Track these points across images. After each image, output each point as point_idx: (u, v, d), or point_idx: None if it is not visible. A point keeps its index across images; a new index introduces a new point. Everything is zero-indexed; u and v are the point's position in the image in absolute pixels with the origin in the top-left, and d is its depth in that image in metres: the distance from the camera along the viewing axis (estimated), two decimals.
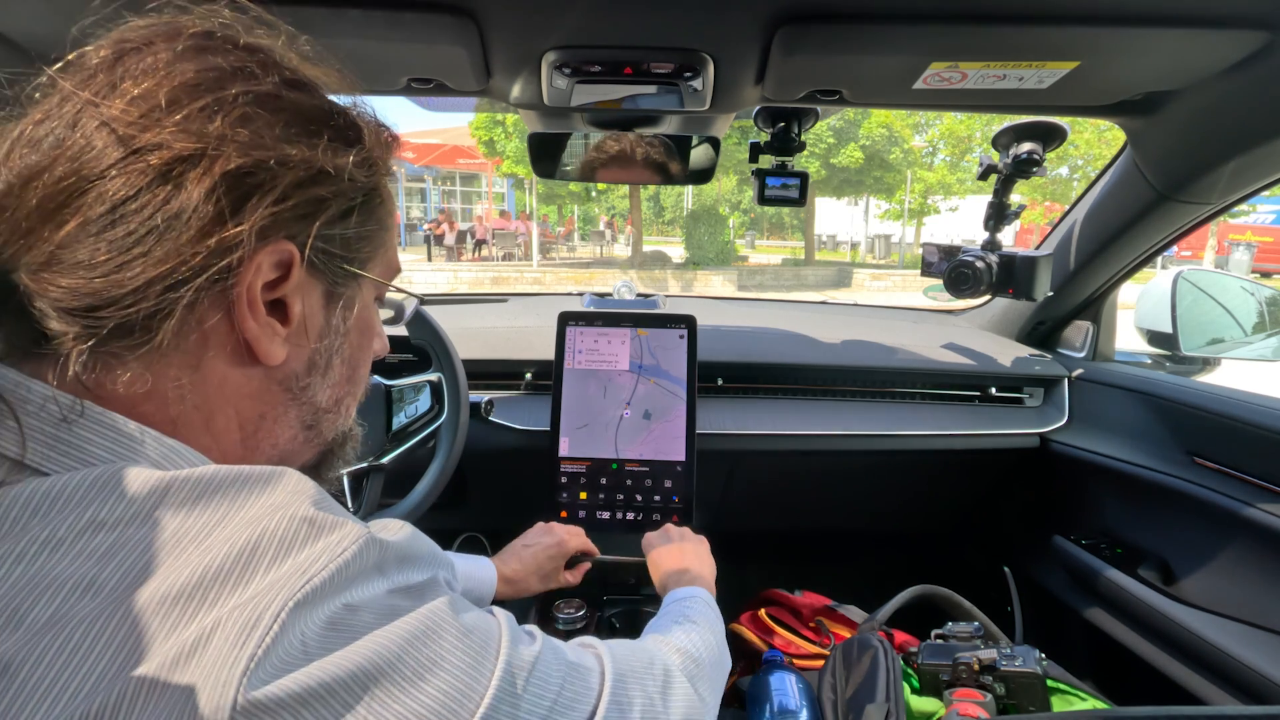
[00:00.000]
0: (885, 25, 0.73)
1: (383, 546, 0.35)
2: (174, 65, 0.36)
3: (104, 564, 0.30)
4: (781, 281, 15.31)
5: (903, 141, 15.86)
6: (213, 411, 0.39)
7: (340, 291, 0.43)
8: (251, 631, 0.29)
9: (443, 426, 1.02)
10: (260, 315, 0.38)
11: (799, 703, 0.93)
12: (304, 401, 0.43)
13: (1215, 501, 1.02)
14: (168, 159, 0.34)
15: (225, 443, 0.40)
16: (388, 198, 0.45)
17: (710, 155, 1.20)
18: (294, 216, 0.38)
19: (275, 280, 0.39)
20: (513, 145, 13.93)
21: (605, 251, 20.84)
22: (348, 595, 0.32)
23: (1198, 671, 1.00)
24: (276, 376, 0.41)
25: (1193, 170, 1.02)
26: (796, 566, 1.74)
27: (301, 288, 0.40)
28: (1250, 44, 0.74)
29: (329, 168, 0.39)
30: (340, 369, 0.45)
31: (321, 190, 0.39)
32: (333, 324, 0.43)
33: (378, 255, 0.45)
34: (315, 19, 0.72)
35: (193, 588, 0.30)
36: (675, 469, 1.13)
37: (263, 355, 0.39)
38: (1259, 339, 1.41)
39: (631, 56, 0.81)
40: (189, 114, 0.35)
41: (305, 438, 0.45)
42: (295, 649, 0.30)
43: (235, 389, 0.39)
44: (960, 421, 1.33)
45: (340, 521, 0.34)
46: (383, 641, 0.32)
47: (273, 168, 0.36)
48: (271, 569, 0.31)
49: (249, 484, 0.34)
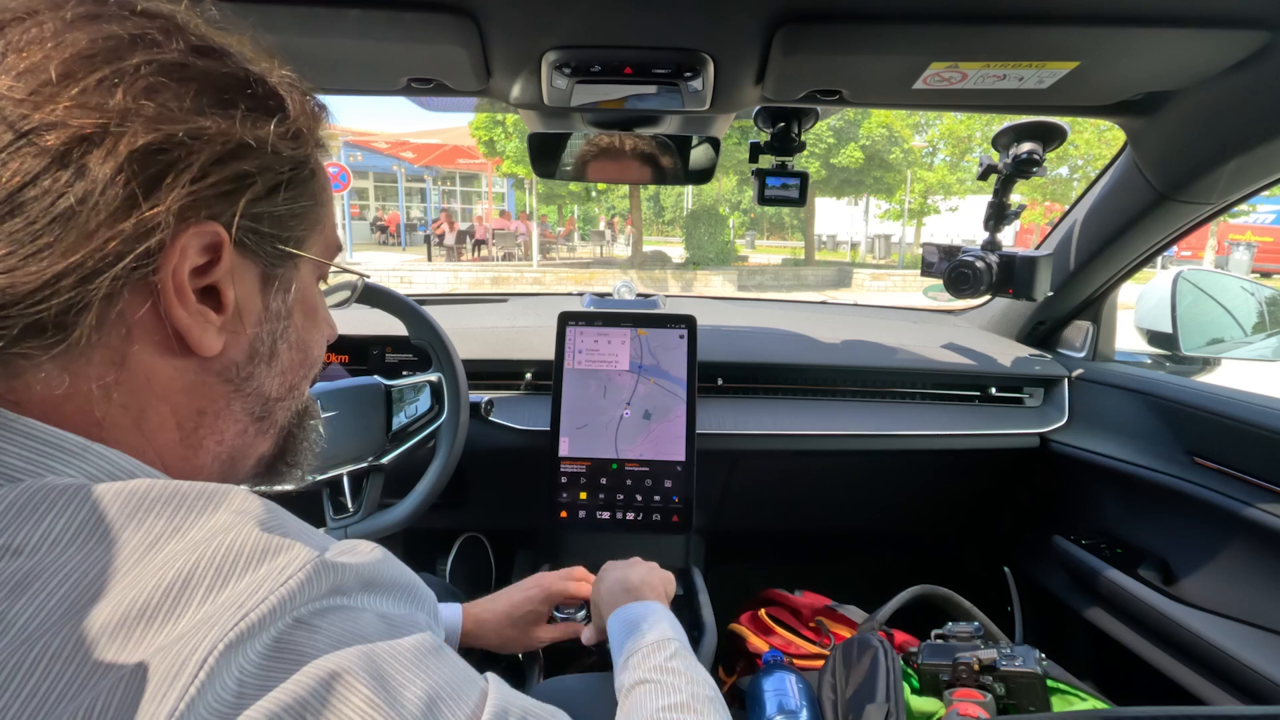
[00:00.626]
0: (885, 25, 0.73)
1: (338, 571, 0.31)
2: (63, 35, 0.32)
3: (14, 597, 0.27)
4: (781, 281, 15.31)
5: (903, 141, 15.86)
6: (143, 410, 0.35)
7: (276, 273, 0.40)
8: (175, 680, 0.25)
9: (443, 426, 1.02)
10: (190, 303, 0.35)
11: (799, 703, 0.93)
12: (249, 392, 0.40)
13: (1215, 501, 1.02)
14: (65, 139, 0.30)
15: (160, 442, 0.36)
16: (320, 171, 0.42)
17: (710, 155, 1.20)
18: (216, 195, 0.35)
19: (204, 265, 0.35)
20: (513, 145, 13.94)
21: (605, 251, 20.84)
22: (286, 623, 0.28)
23: (1198, 671, 1.00)
24: (214, 368, 0.38)
25: (1193, 170, 1.02)
26: (796, 566, 1.74)
27: (234, 272, 0.37)
28: (1250, 44, 0.74)
29: (250, 139, 0.35)
30: (288, 354, 0.42)
31: (243, 165, 0.36)
32: (272, 308, 0.40)
33: (314, 233, 0.42)
34: (315, 19, 0.72)
35: (115, 625, 0.26)
36: (675, 469, 1.13)
37: (196, 346, 0.36)
38: (1259, 339, 1.41)
39: (631, 56, 0.81)
40: (85, 88, 0.31)
41: (257, 429, 0.42)
42: (229, 691, 0.26)
43: (167, 384, 0.36)
44: (960, 421, 1.33)
45: (287, 544, 0.30)
46: (330, 664, 0.28)
47: (186, 142, 0.33)
48: (206, 602, 0.28)
49: (186, 503, 0.31)
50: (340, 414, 0.97)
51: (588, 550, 1.22)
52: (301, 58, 0.83)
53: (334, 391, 0.99)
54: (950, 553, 1.70)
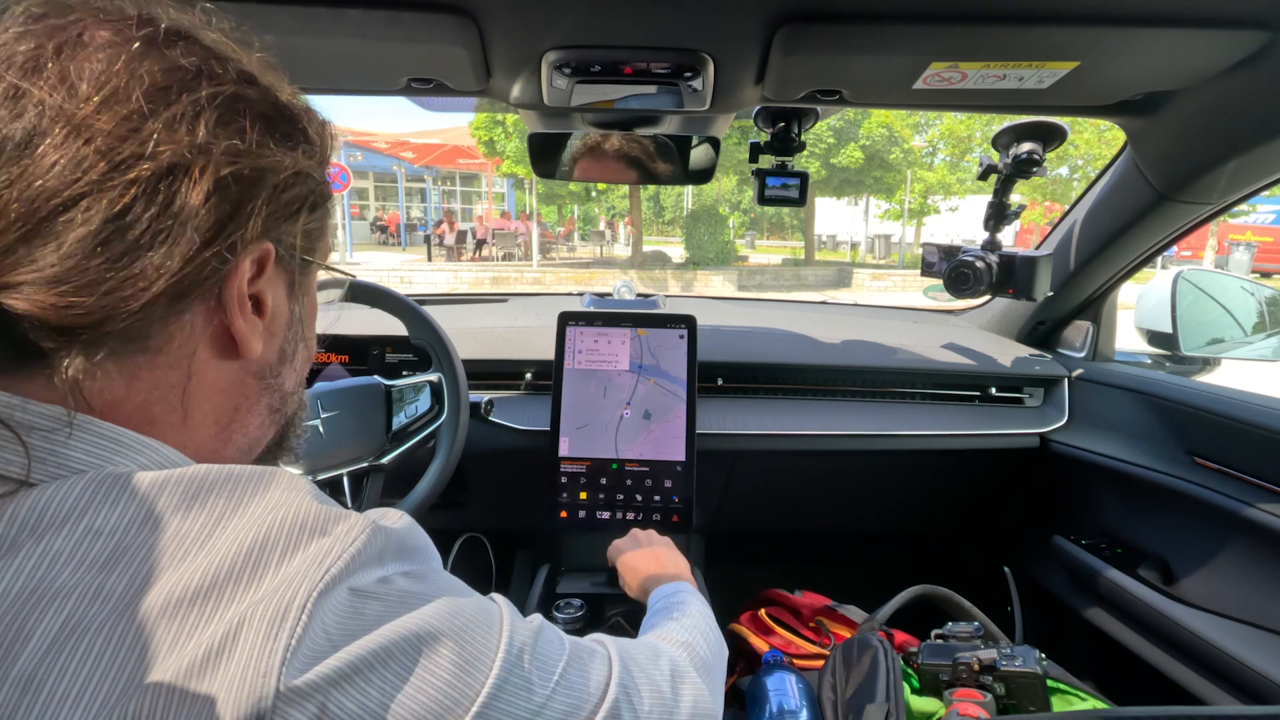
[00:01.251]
0: (885, 25, 0.73)
1: (387, 534, 0.36)
2: (135, 64, 0.34)
3: (108, 571, 0.30)
4: (781, 281, 15.31)
5: (903, 141, 15.86)
6: (190, 408, 0.39)
7: (300, 279, 0.44)
8: (282, 622, 0.30)
9: (443, 426, 1.02)
10: (248, 313, 0.39)
11: (799, 703, 0.93)
12: (275, 389, 0.44)
13: (1215, 501, 1.02)
14: (156, 171, 0.33)
15: (200, 437, 0.40)
16: (330, 188, 0.46)
17: (710, 155, 1.20)
18: (282, 218, 0.39)
19: (251, 278, 0.39)
20: (513, 145, 13.94)
21: (605, 251, 20.85)
22: (355, 582, 0.33)
23: (1198, 671, 1.00)
24: (251, 369, 0.42)
25: (1193, 170, 1.02)
26: (796, 566, 1.74)
27: (272, 282, 0.41)
28: (1250, 44, 0.74)
29: (306, 169, 0.40)
30: (302, 353, 0.47)
31: (299, 191, 0.40)
32: (295, 313, 0.44)
33: (323, 242, 0.46)
34: (315, 19, 0.72)
35: (207, 588, 0.30)
36: (675, 469, 1.13)
37: (247, 350, 0.40)
38: (1259, 339, 1.41)
39: (631, 56, 0.81)
40: (169, 120, 0.33)
41: (271, 420, 0.46)
42: (320, 638, 0.31)
43: (212, 384, 0.39)
44: (960, 421, 1.33)
45: (344, 513, 0.35)
46: (398, 627, 0.34)
47: (259, 172, 0.37)
48: (283, 564, 0.32)
49: (242, 484, 0.34)
50: (340, 414, 0.97)
51: (588, 550, 1.22)
52: (301, 58, 0.83)
53: (334, 391, 0.99)
54: (950, 553, 1.70)
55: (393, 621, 0.34)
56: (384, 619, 0.34)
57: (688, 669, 0.52)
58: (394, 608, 0.34)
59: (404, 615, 0.34)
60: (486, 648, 0.37)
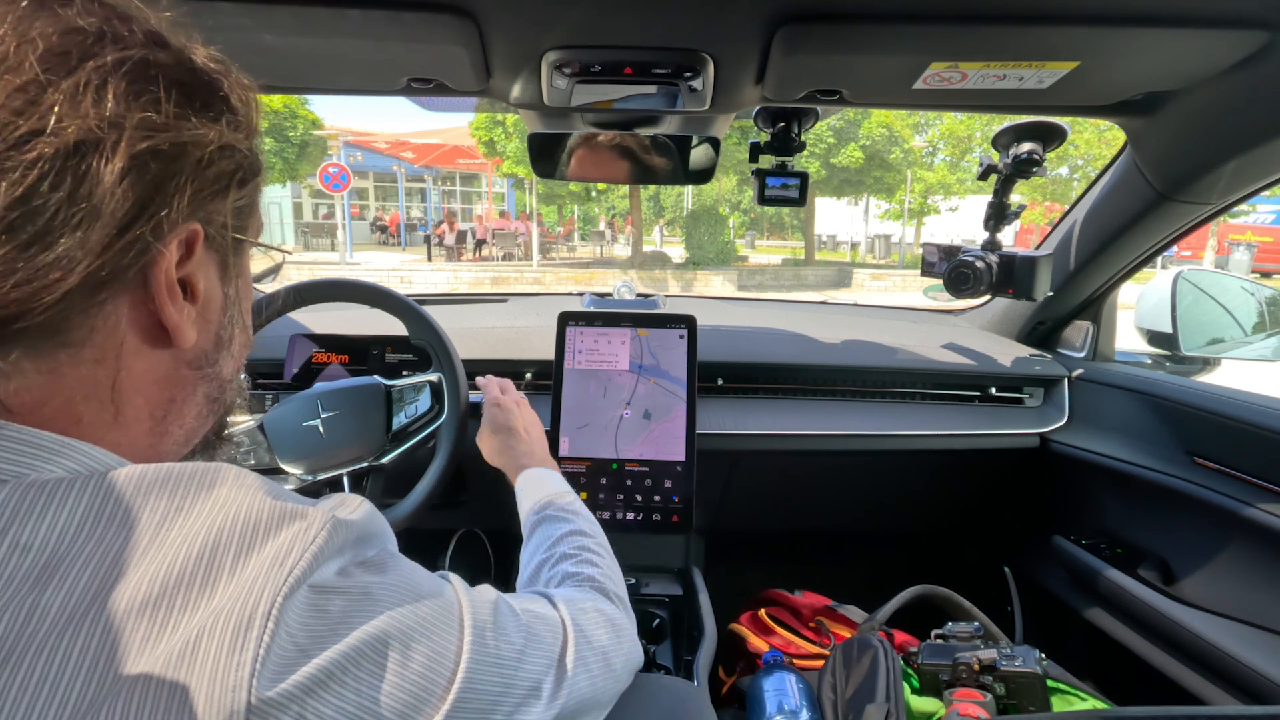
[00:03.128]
0: (885, 25, 0.73)
1: (347, 527, 0.35)
2: (24, 26, 0.30)
3: (41, 588, 0.27)
4: (781, 281, 15.31)
5: (903, 141, 15.86)
6: (122, 404, 0.36)
7: (232, 260, 0.41)
8: (247, 632, 0.28)
9: (443, 426, 1.02)
10: (178, 299, 0.36)
11: (799, 703, 0.93)
12: (212, 377, 0.42)
13: (1215, 501, 1.02)
14: (62, 148, 0.29)
15: (134, 434, 0.37)
16: (260, 160, 0.43)
17: (710, 155, 1.20)
18: (209, 195, 0.36)
19: (179, 260, 0.36)
20: (513, 145, 13.94)
21: (605, 251, 20.85)
22: (316, 578, 0.32)
23: (1198, 671, 1.00)
24: (185, 358, 0.39)
25: (1193, 170, 1.02)
26: (796, 566, 1.74)
27: (202, 264, 0.38)
28: (1250, 44, 0.74)
29: (232, 142, 0.37)
30: (240, 337, 0.44)
31: (227, 165, 0.37)
32: (229, 296, 0.42)
33: (255, 219, 0.43)
34: (315, 19, 0.72)
35: (156, 599, 0.28)
36: (675, 469, 1.13)
37: (179, 338, 0.37)
38: (1259, 339, 1.41)
39: (631, 56, 0.81)
40: (71, 91, 0.30)
41: (209, 410, 0.43)
42: (287, 644, 0.30)
43: (144, 376, 0.37)
44: (960, 421, 1.33)
45: (299, 509, 0.33)
46: (365, 626, 0.33)
47: (179, 146, 0.33)
48: (239, 568, 0.30)
49: (185, 483, 0.32)
50: (340, 414, 0.97)
51: None
52: (301, 58, 0.83)
53: (334, 391, 0.99)
54: (950, 553, 1.70)
55: (358, 619, 0.33)
56: (350, 617, 0.33)
57: (625, 620, 0.58)
58: (358, 602, 0.33)
59: (369, 611, 0.33)
60: (449, 634, 0.37)
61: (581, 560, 0.64)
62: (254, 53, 0.80)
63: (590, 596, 0.58)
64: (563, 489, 0.79)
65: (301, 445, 0.95)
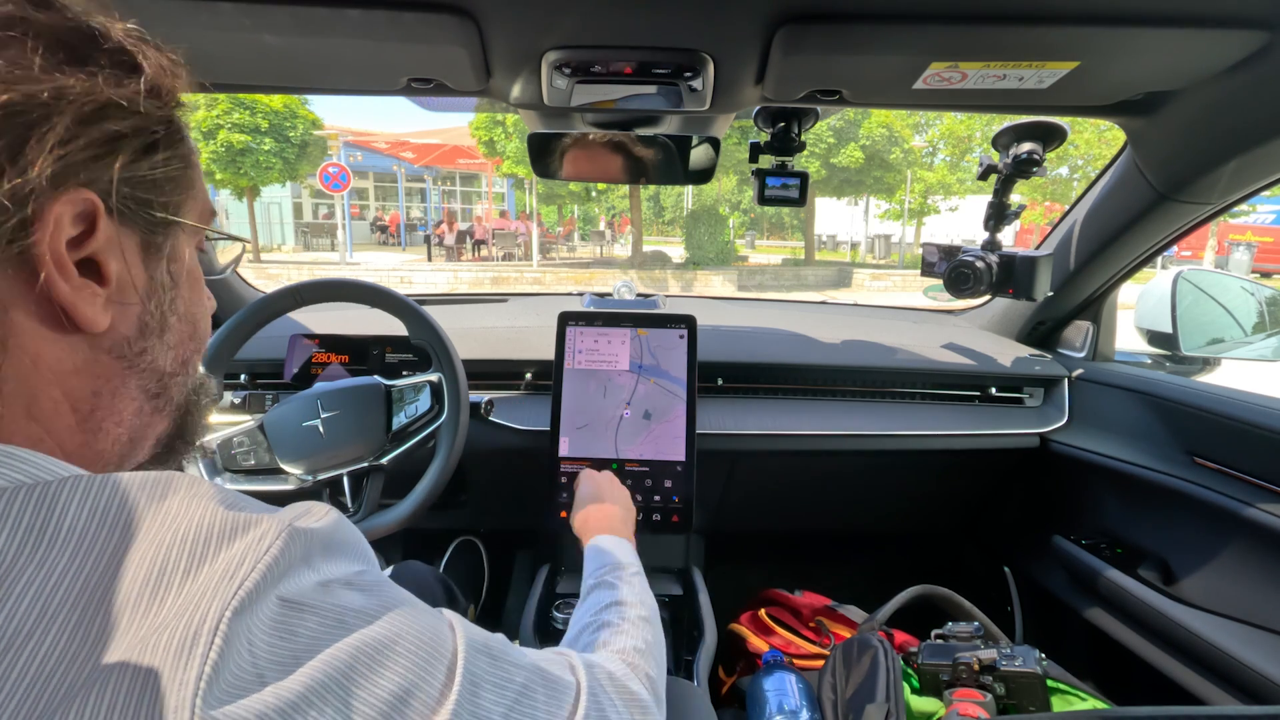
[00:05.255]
0: (885, 25, 0.73)
1: (307, 536, 0.32)
2: None
3: None
4: (781, 281, 15.31)
5: (903, 141, 15.86)
6: (33, 395, 0.33)
7: (159, 241, 0.38)
8: (191, 649, 0.26)
9: (443, 426, 1.02)
10: (72, 276, 0.33)
11: (799, 703, 0.93)
12: (143, 369, 0.39)
13: (1215, 501, 1.02)
14: None
15: (57, 428, 0.35)
16: (187, 133, 0.40)
17: (710, 155, 1.20)
18: (87, 159, 0.33)
19: (80, 236, 0.34)
20: (513, 145, 13.93)
21: (605, 251, 20.85)
22: (285, 590, 0.30)
23: (1198, 671, 1.00)
24: (104, 345, 0.36)
25: (1193, 170, 1.02)
26: (796, 566, 1.74)
27: (114, 241, 0.35)
28: (1250, 44, 0.74)
29: (116, 98, 0.33)
30: (179, 327, 0.41)
31: (112, 125, 0.34)
32: (158, 279, 0.39)
33: (190, 198, 0.40)
34: (315, 19, 0.72)
35: (102, 620, 0.27)
36: (675, 469, 1.13)
37: (83, 322, 0.34)
38: (1259, 339, 1.41)
39: (631, 56, 0.81)
40: None
41: (154, 407, 0.41)
42: (245, 663, 0.27)
43: (55, 365, 0.34)
44: (960, 421, 1.33)
45: (255, 518, 0.31)
46: (337, 653, 0.30)
47: (47, 101, 0.31)
48: (187, 583, 0.28)
49: (130, 495, 0.30)
50: (340, 414, 0.97)
51: None
52: (301, 58, 0.83)
53: (334, 391, 0.99)
54: (950, 553, 1.70)
55: (331, 646, 0.30)
56: (320, 642, 0.30)
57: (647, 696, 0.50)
58: (331, 628, 0.30)
59: (344, 638, 0.30)
60: (433, 678, 0.33)
61: (619, 630, 0.59)
62: (254, 53, 0.80)
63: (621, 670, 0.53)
64: (625, 559, 0.74)
65: (301, 445, 0.95)
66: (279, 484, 0.96)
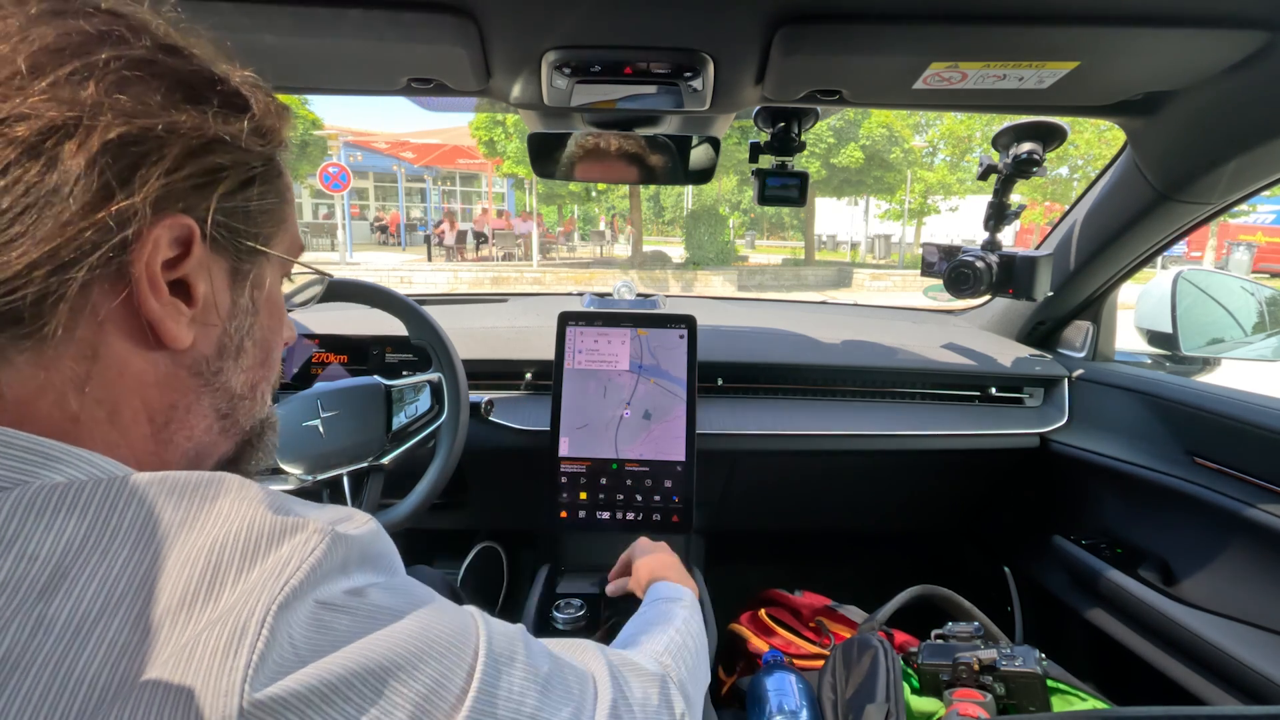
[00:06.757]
0: (885, 25, 0.73)
1: (348, 542, 0.34)
2: (29, 29, 0.32)
3: (48, 599, 0.28)
4: (781, 281, 15.31)
5: (903, 141, 15.86)
6: (117, 403, 0.36)
7: (246, 269, 0.41)
8: (241, 639, 0.28)
9: (443, 426, 1.02)
10: (163, 295, 0.35)
11: (799, 703, 0.93)
12: (217, 388, 0.41)
13: (1215, 501, 1.02)
14: (36, 130, 0.31)
15: (134, 436, 0.37)
16: (285, 171, 0.43)
17: (710, 155, 1.20)
18: (189, 187, 0.36)
19: (175, 258, 0.36)
20: (513, 145, 13.94)
21: (605, 251, 20.85)
22: (321, 594, 0.32)
23: (1198, 671, 1.00)
24: (185, 361, 0.38)
25: (1193, 170, 1.02)
26: (796, 566, 1.74)
27: (204, 265, 0.38)
28: (1250, 44, 0.74)
29: (222, 134, 0.36)
30: (253, 352, 0.43)
31: (215, 159, 0.36)
32: (240, 304, 0.41)
33: (281, 231, 0.43)
34: (315, 19, 0.72)
35: (162, 610, 0.28)
36: (675, 469, 1.13)
37: (168, 338, 0.36)
38: (1259, 339, 1.41)
39: (631, 56, 0.81)
40: (55, 80, 0.31)
41: (221, 428, 0.42)
42: (287, 652, 0.29)
43: (139, 376, 0.36)
44: (960, 421, 1.33)
45: (302, 521, 0.33)
46: (370, 645, 0.32)
47: (159, 135, 0.34)
48: (240, 580, 0.30)
49: (189, 493, 0.32)
50: (340, 414, 0.97)
51: (588, 550, 1.22)
52: (301, 58, 0.83)
53: (334, 391, 0.99)
54: (950, 553, 1.70)
55: (364, 638, 0.32)
56: (354, 635, 0.32)
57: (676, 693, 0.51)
58: (364, 623, 0.33)
59: (375, 632, 0.33)
60: (457, 673, 0.35)
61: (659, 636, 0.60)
62: (254, 53, 0.80)
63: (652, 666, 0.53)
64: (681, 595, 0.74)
65: (301, 445, 0.95)
66: (279, 484, 0.96)
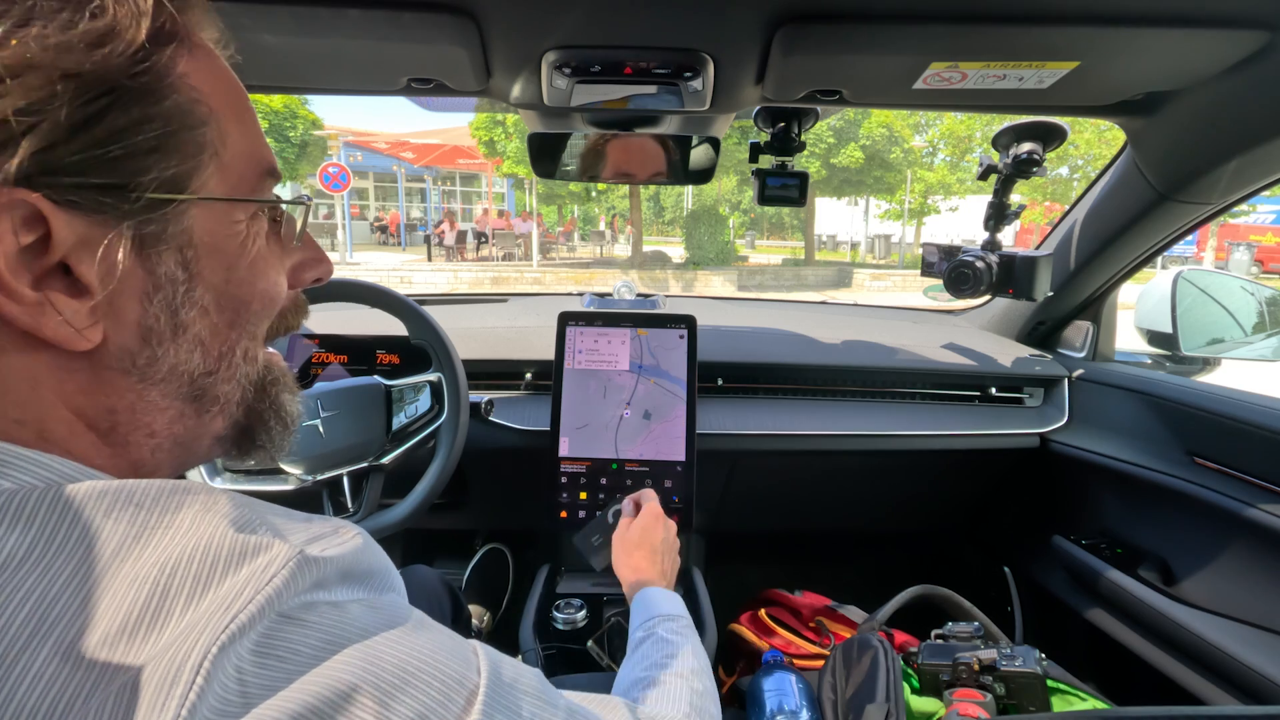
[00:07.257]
0: (885, 25, 0.73)
1: (319, 565, 0.29)
2: None
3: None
4: (781, 281, 15.31)
5: (903, 141, 15.86)
6: (42, 420, 0.30)
7: (155, 230, 0.31)
8: (173, 686, 0.24)
9: (443, 426, 1.02)
10: (21, 294, 0.28)
11: (799, 703, 0.93)
12: (160, 378, 0.33)
13: (1215, 501, 1.02)
14: None
15: (77, 447, 0.31)
16: (172, 82, 0.31)
17: (710, 155, 1.20)
18: (44, 144, 0.26)
19: (33, 244, 0.28)
20: (513, 145, 13.94)
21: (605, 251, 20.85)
22: (285, 606, 0.27)
23: (1198, 671, 1.00)
24: (106, 361, 0.31)
25: (1193, 170, 1.02)
26: (796, 566, 1.74)
27: (85, 242, 0.29)
28: (1250, 44, 0.74)
29: (29, 56, 0.26)
30: (203, 321, 0.34)
31: (63, 89, 0.26)
32: (162, 273, 0.32)
33: (196, 166, 0.32)
34: (315, 19, 0.72)
35: (96, 643, 0.25)
36: (675, 469, 1.13)
37: (60, 342, 0.29)
38: (1259, 339, 1.41)
39: (631, 56, 0.81)
40: None
41: (196, 410, 0.36)
42: (232, 694, 0.25)
43: (56, 387, 0.31)
44: (960, 421, 1.33)
45: (265, 542, 0.28)
46: (337, 669, 0.27)
47: None
48: (189, 609, 0.26)
49: (146, 504, 0.28)
50: (340, 414, 0.97)
51: None
52: (301, 58, 0.83)
53: (334, 391, 0.99)
54: (950, 553, 1.70)
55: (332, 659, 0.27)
56: (320, 656, 0.27)
57: None
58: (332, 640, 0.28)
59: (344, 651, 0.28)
60: (450, 705, 0.29)
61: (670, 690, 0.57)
62: (254, 53, 0.80)
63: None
64: (674, 611, 0.73)
65: (301, 445, 0.95)
66: (279, 484, 0.96)
